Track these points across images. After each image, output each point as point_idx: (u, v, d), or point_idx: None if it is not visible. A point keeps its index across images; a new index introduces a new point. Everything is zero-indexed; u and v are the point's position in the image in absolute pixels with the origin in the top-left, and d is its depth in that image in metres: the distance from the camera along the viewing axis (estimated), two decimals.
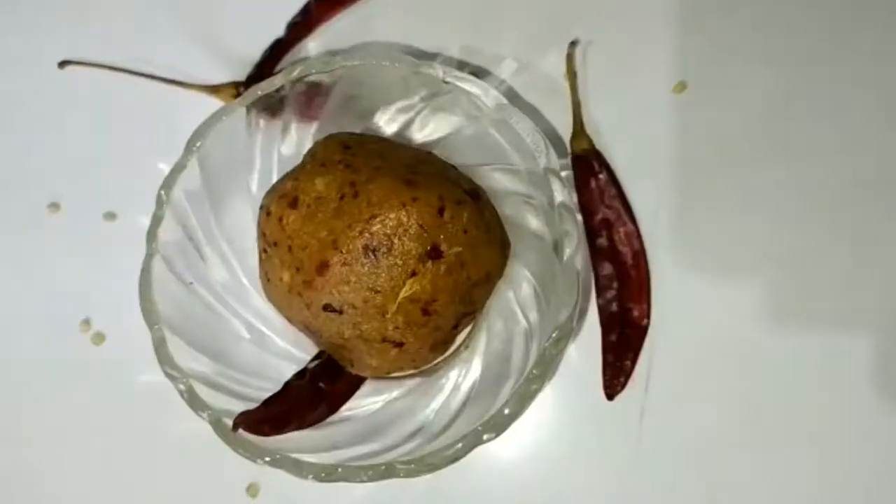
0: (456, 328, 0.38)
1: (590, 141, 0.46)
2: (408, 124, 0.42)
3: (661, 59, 0.47)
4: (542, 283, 0.40)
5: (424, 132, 0.42)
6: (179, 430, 0.41)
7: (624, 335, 0.44)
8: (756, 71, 0.46)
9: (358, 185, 0.36)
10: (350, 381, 0.41)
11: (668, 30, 0.47)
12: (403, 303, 0.35)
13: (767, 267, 0.43)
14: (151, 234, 0.38)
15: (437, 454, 0.34)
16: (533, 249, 0.41)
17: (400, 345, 0.37)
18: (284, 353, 0.42)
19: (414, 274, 0.35)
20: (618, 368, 0.43)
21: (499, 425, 0.35)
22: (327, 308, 0.36)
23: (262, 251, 0.39)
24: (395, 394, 0.43)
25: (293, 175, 0.38)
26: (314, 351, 0.43)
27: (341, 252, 0.35)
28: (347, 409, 0.41)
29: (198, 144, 0.39)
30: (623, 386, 0.43)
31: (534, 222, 0.41)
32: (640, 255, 0.44)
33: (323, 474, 0.35)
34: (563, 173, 0.37)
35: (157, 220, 0.38)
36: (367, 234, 0.35)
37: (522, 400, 0.35)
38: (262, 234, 0.38)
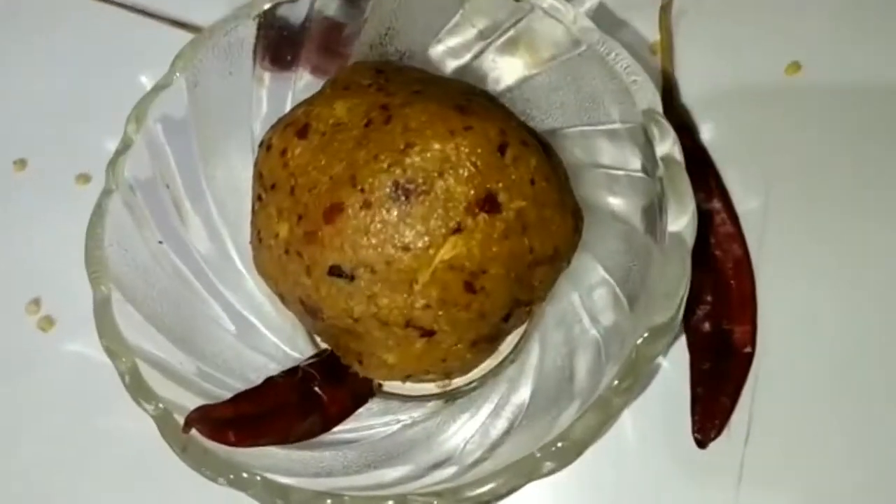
0: (506, 321, 0.28)
1: (684, 115, 0.36)
2: (460, 71, 0.33)
3: (772, 36, 0.38)
4: (623, 280, 0.30)
5: (481, 81, 0.32)
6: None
7: (720, 364, 0.33)
8: (881, 54, 0.37)
9: (392, 109, 0.26)
10: (355, 389, 0.30)
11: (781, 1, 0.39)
12: (441, 269, 0.25)
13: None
14: (114, 165, 0.29)
15: (469, 487, 0.24)
16: (611, 237, 0.31)
17: (429, 333, 0.27)
18: (272, 349, 0.32)
19: (458, 230, 0.25)
20: (712, 407, 0.32)
21: (564, 453, 0.24)
22: (334, 272, 0.26)
23: (256, 200, 0.29)
24: (414, 415, 0.32)
25: (306, 101, 0.29)
26: (311, 351, 0.32)
27: (361, 191, 0.25)
28: (347, 430, 0.30)
29: (188, 60, 0.30)
30: (718, 431, 0.32)
31: (616, 203, 0.31)
32: (743, 264, 0.34)
33: None
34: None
35: (123, 147, 0.29)
36: (398, 169, 0.25)
37: (600, 420, 0.24)
38: (257, 177, 0.29)
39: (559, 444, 0.24)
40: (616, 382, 0.25)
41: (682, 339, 0.34)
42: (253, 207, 0.30)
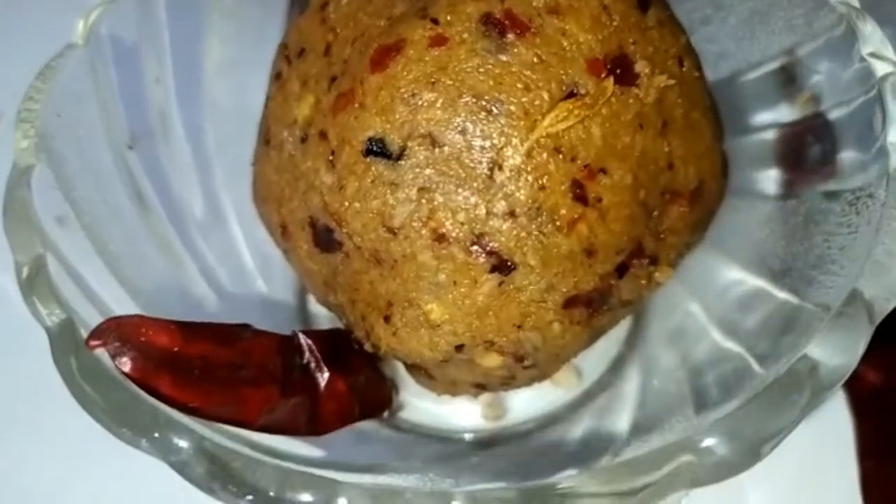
0: (621, 275, 0.18)
1: None
2: None
3: None
4: (771, 268, 0.20)
5: None
6: None
7: None
8: None
9: None
10: (364, 386, 0.20)
11: None
12: (540, 151, 0.16)
13: None
14: (89, 17, 0.21)
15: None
16: (753, 226, 0.22)
17: (505, 268, 0.17)
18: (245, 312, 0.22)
19: (573, 94, 0.16)
20: (886, 484, 0.21)
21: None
22: (373, 148, 0.17)
23: (271, 84, 0.21)
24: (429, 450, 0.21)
25: None
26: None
27: (434, 22, 0.17)
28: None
29: None
30: None
31: (768, 179, 0.22)
32: None
33: (272, 492, 0.13)
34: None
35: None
36: (489, 0, 0.17)
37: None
38: (279, 53, 0.21)
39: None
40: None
41: (843, 398, 0.23)
42: (265, 105, 0.21)
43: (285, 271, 0.23)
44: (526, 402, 0.23)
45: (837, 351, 0.15)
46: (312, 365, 0.19)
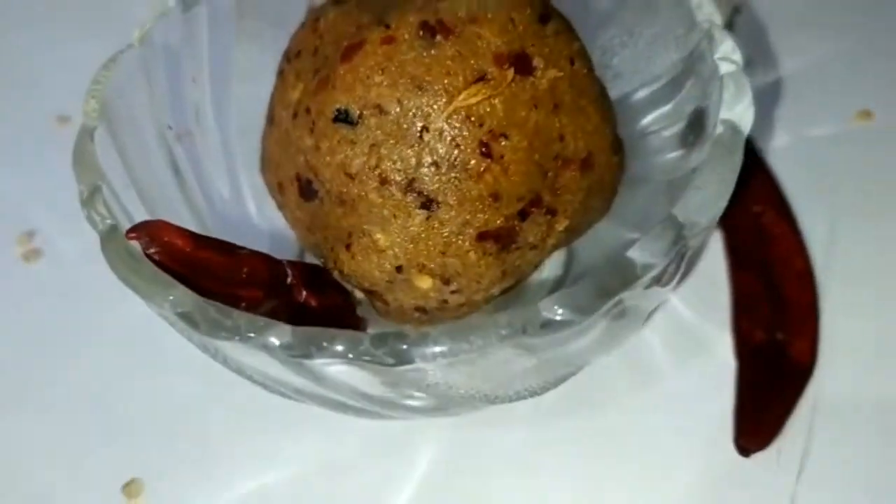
0: (523, 219, 0.24)
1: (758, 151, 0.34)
2: None
3: (843, 83, 0.37)
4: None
5: None
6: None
7: (772, 377, 0.28)
8: None
9: None
10: (333, 306, 0.26)
11: (855, 52, 0.38)
12: (457, 119, 0.23)
13: None
14: (144, 26, 0.28)
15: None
16: (651, 205, 0.28)
17: (431, 205, 0.23)
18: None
19: (483, 78, 0.23)
20: (758, 416, 0.27)
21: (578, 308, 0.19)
22: (339, 116, 0.23)
23: (277, 80, 0.27)
24: None
25: None
26: None
27: (386, 27, 0.23)
28: None
29: None
30: (762, 444, 0.26)
31: (662, 166, 0.28)
32: (806, 278, 0.30)
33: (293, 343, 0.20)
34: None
35: (163, 14, 0.28)
36: (430, 10, 0.23)
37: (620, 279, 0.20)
38: (284, 54, 0.27)
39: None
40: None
41: (730, 347, 0.29)
42: (272, 95, 0.28)
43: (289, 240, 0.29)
44: None
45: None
46: (293, 284, 0.25)
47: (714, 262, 0.31)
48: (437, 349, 0.19)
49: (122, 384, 0.30)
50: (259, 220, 0.32)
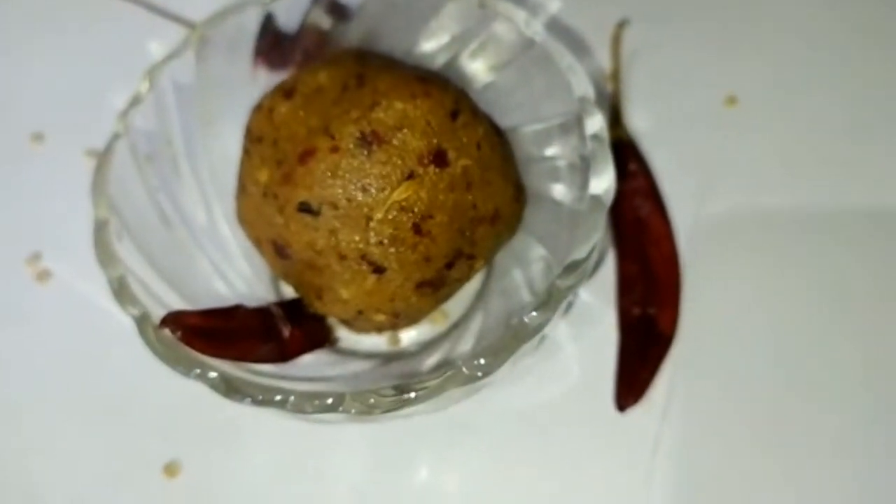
0: (449, 268, 0.32)
1: (626, 131, 0.41)
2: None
3: (711, 70, 0.44)
4: (554, 250, 0.34)
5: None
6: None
7: (645, 344, 0.37)
8: (811, 90, 0.42)
9: (366, 77, 0.31)
10: (312, 330, 0.34)
11: (721, 40, 0.44)
12: (393, 209, 0.30)
13: (813, 287, 0.37)
14: (125, 115, 0.33)
15: (406, 386, 0.27)
16: (552, 220, 0.35)
17: (380, 270, 0.31)
18: (242, 289, 0.36)
19: (411, 176, 0.30)
20: (632, 379, 0.36)
21: (487, 365, 0.28)
22: (303, 208, 0.30)
23: (244, 154, 0.34)
24: (363, 367, 0.36)
25: (296, 72, 0.33)
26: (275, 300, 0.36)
27: (332, 138, 0.30)
28: (300, 376, 0.34)
29: (201, 32, 0.35)
30: (636, 399, 0.36)
31: (558, 189, 0.36)
32: (672, 259, 0.39)
33: (260, 397, 0.28)
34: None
35: (136, 101, 0.34)
36: (364, 122, 0.30)
37: (517, 340, 0.28)
38: (247, 132, 0.33)
39: (480, 360, 0.28)
40: (534, 313, 0.29)
41: (615, 322, 0.38)
42: (241, 164, 0.34)
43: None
44: (415, 334, 0.37)
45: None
46: (279, 322, 0.33)
47: (605, 251, 0.39)
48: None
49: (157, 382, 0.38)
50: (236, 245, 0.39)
